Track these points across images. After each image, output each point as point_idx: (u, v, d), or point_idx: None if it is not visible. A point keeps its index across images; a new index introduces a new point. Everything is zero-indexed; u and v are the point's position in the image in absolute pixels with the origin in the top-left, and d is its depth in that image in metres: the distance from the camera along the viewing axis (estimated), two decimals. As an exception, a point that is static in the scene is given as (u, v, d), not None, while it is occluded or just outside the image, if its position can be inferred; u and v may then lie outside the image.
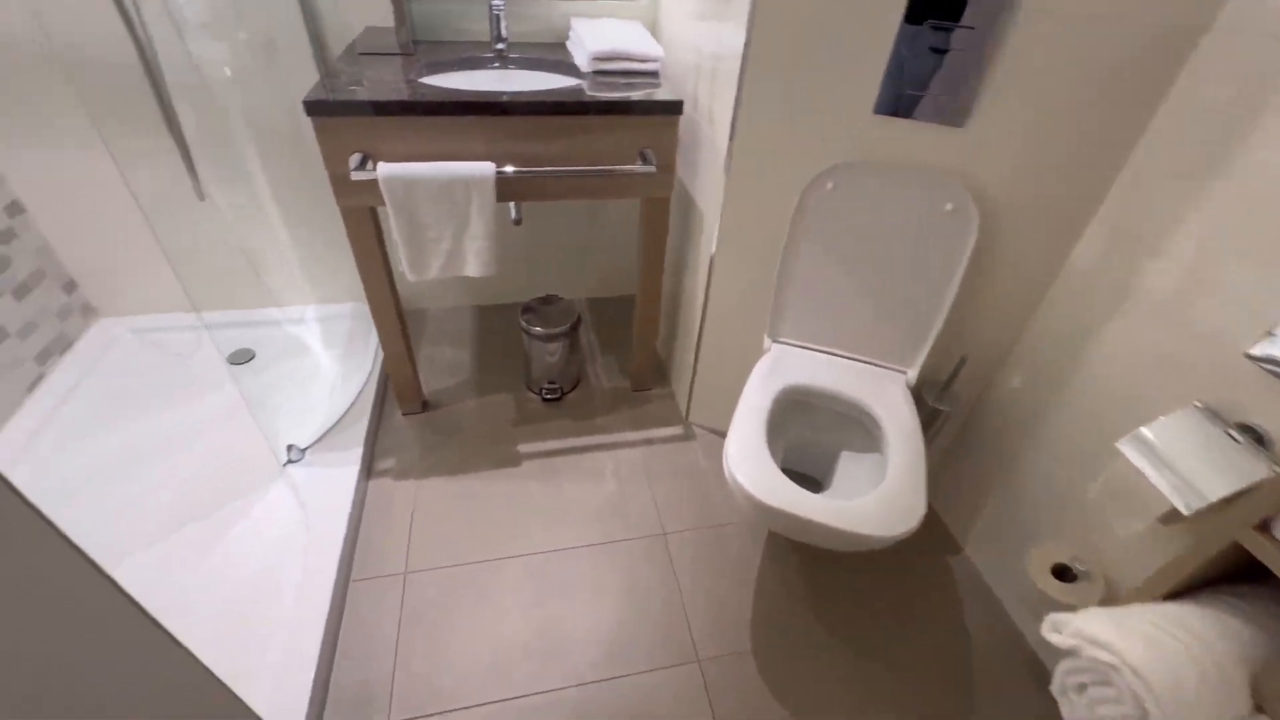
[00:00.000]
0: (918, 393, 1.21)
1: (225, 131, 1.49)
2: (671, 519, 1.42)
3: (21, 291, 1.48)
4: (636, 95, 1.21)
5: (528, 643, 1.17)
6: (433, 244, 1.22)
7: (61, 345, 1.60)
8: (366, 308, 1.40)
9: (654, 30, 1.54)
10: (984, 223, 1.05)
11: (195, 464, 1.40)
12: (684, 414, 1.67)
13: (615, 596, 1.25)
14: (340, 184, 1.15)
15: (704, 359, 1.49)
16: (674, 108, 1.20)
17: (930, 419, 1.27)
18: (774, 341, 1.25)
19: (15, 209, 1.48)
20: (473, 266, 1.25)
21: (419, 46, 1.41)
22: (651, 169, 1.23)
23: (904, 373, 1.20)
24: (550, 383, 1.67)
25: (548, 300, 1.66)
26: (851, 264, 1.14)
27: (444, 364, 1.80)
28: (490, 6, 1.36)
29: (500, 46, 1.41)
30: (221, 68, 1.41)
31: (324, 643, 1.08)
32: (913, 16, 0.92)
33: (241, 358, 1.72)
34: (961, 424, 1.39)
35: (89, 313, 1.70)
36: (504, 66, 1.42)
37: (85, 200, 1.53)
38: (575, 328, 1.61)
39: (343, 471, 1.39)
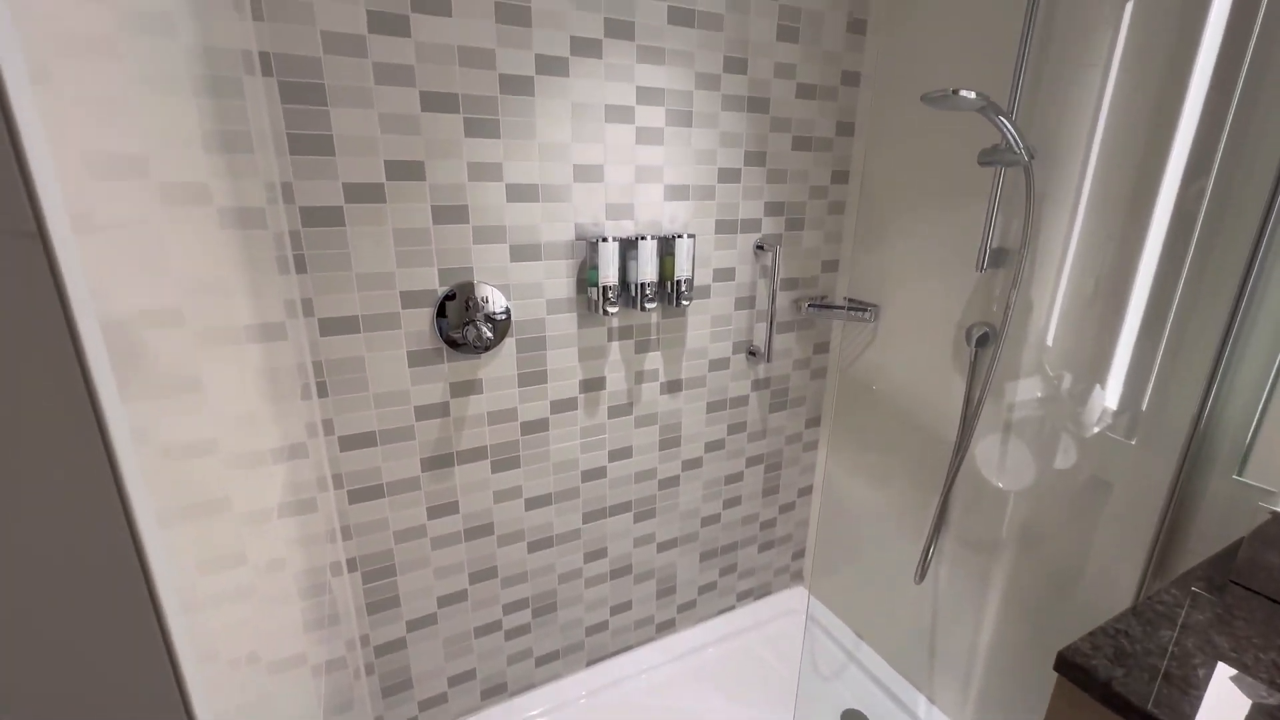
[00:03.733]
0: None
1: (991, 536, 1.31)
2: None
3: (745, 571, 1.82)
4: None
5: None
6: None
7: (761, 591, 1.87)
8: None
9: None
10: None
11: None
12: None
13: None
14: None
15: None
16: None
17: None
18: None
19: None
20: None
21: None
22: None
23: None
24: None
25: None
26: None
27: None
28: None
29: None
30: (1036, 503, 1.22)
31: None
32: None
33: (854, 718, 1.51)
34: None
35: (796, 577, 1.93)
36: None
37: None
38: None
39: None
